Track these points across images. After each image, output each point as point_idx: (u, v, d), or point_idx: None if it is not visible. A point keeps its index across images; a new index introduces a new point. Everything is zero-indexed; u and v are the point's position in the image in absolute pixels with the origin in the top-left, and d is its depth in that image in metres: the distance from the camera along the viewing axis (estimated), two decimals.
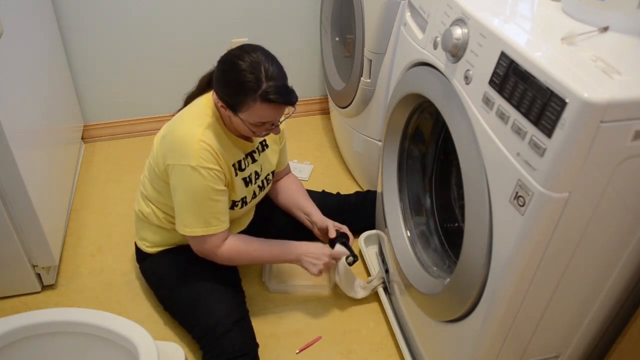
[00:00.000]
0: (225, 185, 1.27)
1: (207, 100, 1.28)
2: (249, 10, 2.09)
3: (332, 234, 1.47)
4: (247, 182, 1.36)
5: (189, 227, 1.27)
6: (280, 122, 1.24)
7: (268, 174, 1.46)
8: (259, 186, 1.42)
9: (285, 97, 1.16)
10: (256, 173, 1.39)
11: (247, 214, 1.50)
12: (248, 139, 1.34)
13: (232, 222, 1.45)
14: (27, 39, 1.55)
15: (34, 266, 1.51)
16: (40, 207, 1.42)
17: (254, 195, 1.42)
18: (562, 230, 0.82)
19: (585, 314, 1.00)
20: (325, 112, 2.45)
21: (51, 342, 1.10)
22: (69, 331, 1.09)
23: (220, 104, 1.20)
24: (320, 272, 1.40)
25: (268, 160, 1.44)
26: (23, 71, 1.50)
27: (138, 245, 1.47)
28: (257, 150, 1.39)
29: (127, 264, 1.66)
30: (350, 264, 1.45)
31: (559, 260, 0.87)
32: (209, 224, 1.26)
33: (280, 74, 1.16)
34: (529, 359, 1.06)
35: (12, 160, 1.29)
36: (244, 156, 1.34)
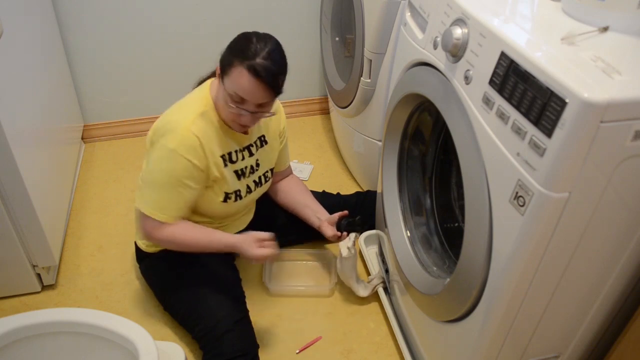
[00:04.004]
0: (197, 182, 1.25)
1: (203, 88, 1.28)
2: (249, 11, 2.09)
3: (345, 213, 1.48)
4: (239, 175, 1.35)
5: (143, 202, 1.27)
6: (251, 113, 1.20)
7: (266, 171, 1.45)
8: (254, 181, 1.41)
9: (270, 79, 1.15)
10: (251, 167, 1.38)
11: (247, 212, 1.50)
12: (245, 131, 1.33)
13: (232, 220, 1.44)
14: (27, 39, 1.55)
15: (34, 266, 1.51)
16: (40, 207, 1.42)
17: (249, 190, 1.40)
18: (562, 230, 0.82)
19: (585, 314, 1.00)
20: (325, 112, 2.45)
21: (51, 342, 1.10)
22: (69, 331, 1.09)
23: (217, 69, 1.21)
24: (255, 259, 1.30)
25: (267, 157, 1.43)
26: (23, 71, 1.50)
27: (137, 245, 1.47)
28: (254, 145, 1.38)
29: (127, 264, 1.66)
30: (362, 225, 1.47)
31: (559, 260, 0.87)
32: (161, 209, 1.25)
33: (277, 63, 1.17)
34: (529, 359, 1.06)
35: (12, 160, 1.29)
36: (238, 149, 1.33)
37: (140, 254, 1.48)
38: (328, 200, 1.62)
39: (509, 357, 1.03)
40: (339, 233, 1.47)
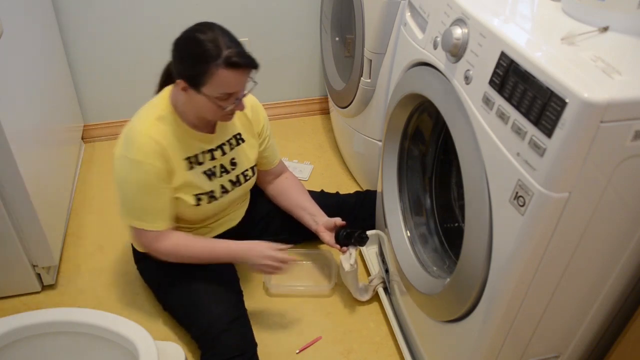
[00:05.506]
0: (169, 182, 1.25)
1: (162, 95, 1.28)
2: (249, 10, 2.09)
3: (340, 222, 1.47)
4: (209, 174, 1.33)
5: (129, 218, 1.27)
6: (244, 96, 1.21)
7: (246, 170, 1.41)
8: (230, 181, 1.38)
9: (249, 59, 1.15)
10: (222, 167, 1.35)
11: (236, 210, 1.49)
12: (211, 130, 1.31)
13: (217, 219, 1.43)
14: (27, 39, 1.55)
15: (34, 266, 1.51)
16: (40, 207, 1.42)
17: (225, 190, 1.37)
18: (562, 230, 0.82)
19: (585, 314, 1.00)
20: (325, 112, 2.45)
21: (51, 342, 1.10)
22: (69, 331, 1.10)
23: (182, 85, 1.17)
24: (273, 270, 1.34)
25: (245, 155, 1.40)
26: (23, 71, 1.50)
27: (134, 246, 1.47)
28: (228, 144, 1.35)
29: (127, 264, 1.66)
30: (362, 241, 1.45)
31: (559, 260, 0.87)
32: (149, 219, 1.26)
33: (238, 43, 1.15)
34: (529, 359, 1.06)
35: (12, 160, 1.29)
36: (207, 149, 1.31)
37: (137, 255, 1.48)
38: (327, 200, 1.62)
39: (509, 357, 1.03)
40: (337, 246, 1.46)
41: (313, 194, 1.61)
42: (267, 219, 1.60)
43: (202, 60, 1.12)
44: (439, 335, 1.18)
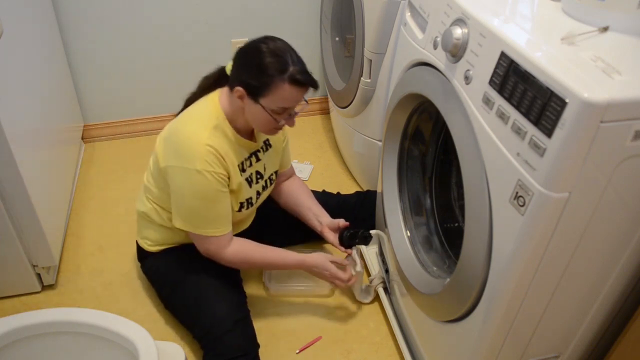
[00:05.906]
0: (228, 187, 1.27)
1: (212, 100, 1.27)
2: (248, 10, 2.09)
3: (343, 224, 1.49)
4: (249, 181, 1.36)
5: (195, 227, 1.27)
6: (296, 114, 1.24)
7: (272, 174, 1.45)
8: (262, 186, 1.42)
9: (312, 79, 1.19)
10: (257, 173, 1.39)
11: (250, 214, 1.50)
12: (252, 137, 1.34)
13: (236, 222, 1.44)
14: (27, 39, 1.55)
15: (34, 266, 1.51)
16: (40, 207, 1.42)
17: (258, 195, 1.42)
18: (562, 230, 0.82)
19: (585, 314, 1.00)
20: (325, 112, 2.45)
21: (51, 342, 1.10)
22: (69, 331, 1.09)
23: (239, 93, 1.19)
24: (333, 280, 1.41)
25: (271, 160, 1.44)
26: (23, 71, 1.50)
27: (140, 244, 1.46)
28: (261, 150, 1.39)
29: (128, 263, 1.66)
30: (366, 239, 1.47)
31: (559, 260, 0.87)
32: (214, 225, 1.27)
33: (302, 61, 1.19)
34: (529, 359, 1.06)
35: (12, 160, 1.29)
36: (247, 156, 1.33)
37: (142, 254, 1.48)
38: (328, 201, 1.62)
39: (509, 357, 1.03)
40: (342, 247, 1.48)
41: (314, 194, 1.62)
42: (269, 220, 1.60)
43: (268, 72, 1.15)
44: (439, 335, 1.18)
